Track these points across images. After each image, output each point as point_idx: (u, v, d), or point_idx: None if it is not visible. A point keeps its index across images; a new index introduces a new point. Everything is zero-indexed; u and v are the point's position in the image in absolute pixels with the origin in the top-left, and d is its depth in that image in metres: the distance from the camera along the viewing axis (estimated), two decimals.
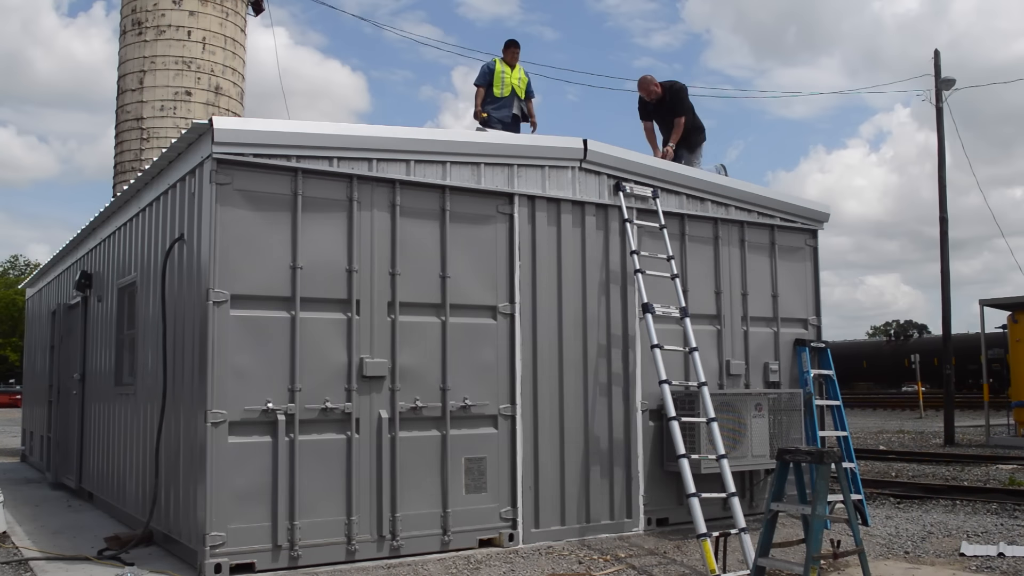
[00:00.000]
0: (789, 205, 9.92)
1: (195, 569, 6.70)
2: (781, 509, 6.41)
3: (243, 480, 6.68)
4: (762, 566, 6.35)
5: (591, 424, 8.35)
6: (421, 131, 7.79)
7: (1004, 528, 8.93)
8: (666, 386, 7.90)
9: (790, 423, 9.05)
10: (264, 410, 6.82)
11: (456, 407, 7.64)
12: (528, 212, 8.24)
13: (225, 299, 6.74)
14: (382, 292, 7.42)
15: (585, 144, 8.55)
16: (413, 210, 7.64)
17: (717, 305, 9.31)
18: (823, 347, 9.85)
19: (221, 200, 6.80)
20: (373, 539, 7.16)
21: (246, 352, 6.79)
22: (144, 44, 17.31)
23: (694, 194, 9.27)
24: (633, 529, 8.47)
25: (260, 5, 19.53)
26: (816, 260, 10.20)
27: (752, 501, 9.22)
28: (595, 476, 8.30)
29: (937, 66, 23.19)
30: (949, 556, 7.64)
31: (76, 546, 7.88)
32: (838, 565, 7.02)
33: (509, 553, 7.51)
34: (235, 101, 18.05)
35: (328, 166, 7.23)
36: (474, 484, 7.66)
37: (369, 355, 7.29)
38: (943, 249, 22.09)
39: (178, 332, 7.49)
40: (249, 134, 6.91)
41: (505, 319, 8.00)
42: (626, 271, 8.72)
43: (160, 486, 7.71)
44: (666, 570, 7.14)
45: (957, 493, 11.68)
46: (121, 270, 9.68)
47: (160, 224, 8.22)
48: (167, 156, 7.75)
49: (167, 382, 7.56)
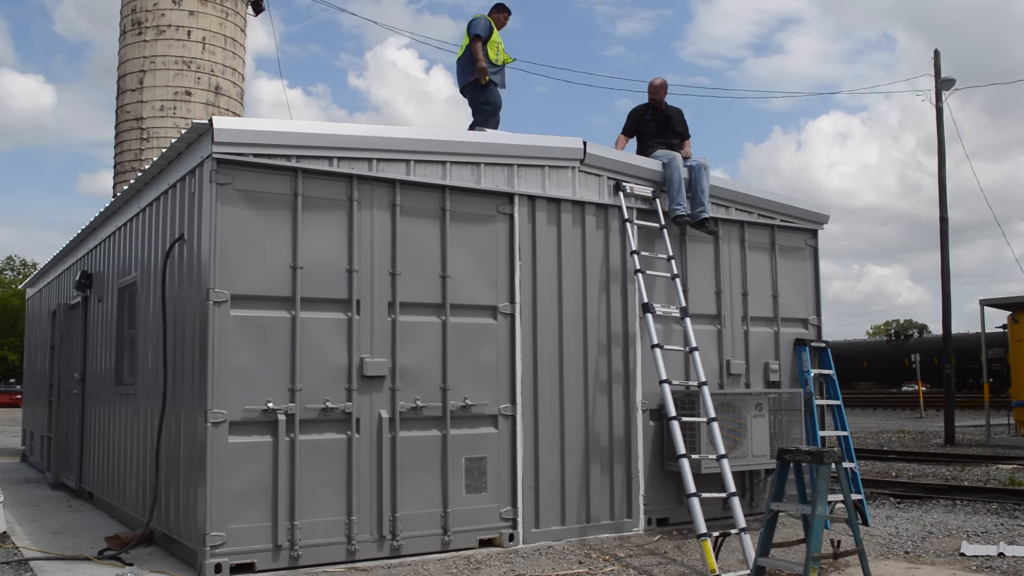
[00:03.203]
0: (789, 207, 9.91)
1: (195, 569, 6.70)
2: (781, 509, 6.41)
3: (243, 480, 6.68)
4: (762, 566, 6.35)
5: (591, 424, 8.35)
6: (421, 131, 7.79)
7: (1004, 528, 8.93)
8: (666, 386, 7.90)
9: (790, 423, 9.04)
10: (264, 410, 6.82)
11: (456, 407, 7.64)
12: (528, 212, 8.24)
13: (225, 299, 6.74)
14: (382, 292, 7.42)
15: (585, 145, 8.56)
16: (413, 210, 7.64)
17: (717, 305, 9.31)
18: (823, 347, 9.85)
19: (221, 200, 6.80)
20: (373, 539, 7.16)
21: (246, 352, 6.79)
22: (144, 44, 17.31)
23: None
24: (633, 529, 8.47)
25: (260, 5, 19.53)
26: (816, 260, 10.20)
27: (752, 501, 9.22)
28: (595, 476, 8.30)
29: (937, 66, 23.18)
30: (949, 556, 7.64)
31: (76, 546, 7.88)
32: (838, 565, 7.02)
33: (509, 553, 7.51)
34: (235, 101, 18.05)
35: (328, 166, 7.23)
36: (474, 484, 7.66)
37: (369, 355, 7.29)
38: (943, 249, 22.08)
39: (178, 332, 7.49)
40: (249, 134, 6.91)
41: (505, 319, 8.00)
42: (626, 271, 8.72)
43: (160, 486, 7.71)
44: (666, 570, 7.14)
45: (957, 493, 11.68)
46: (121, 270, 9.69)
47: (160, 224, 8.22)
48: (167, 156, 7.75)
49: (167, 382, 7.56)
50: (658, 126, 9.69)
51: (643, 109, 9.82)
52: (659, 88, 9.73)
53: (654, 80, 9.79)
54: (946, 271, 22.03)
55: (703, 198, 9.05)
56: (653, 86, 9.75)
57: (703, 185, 9.08)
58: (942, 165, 22.46)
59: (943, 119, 22.73)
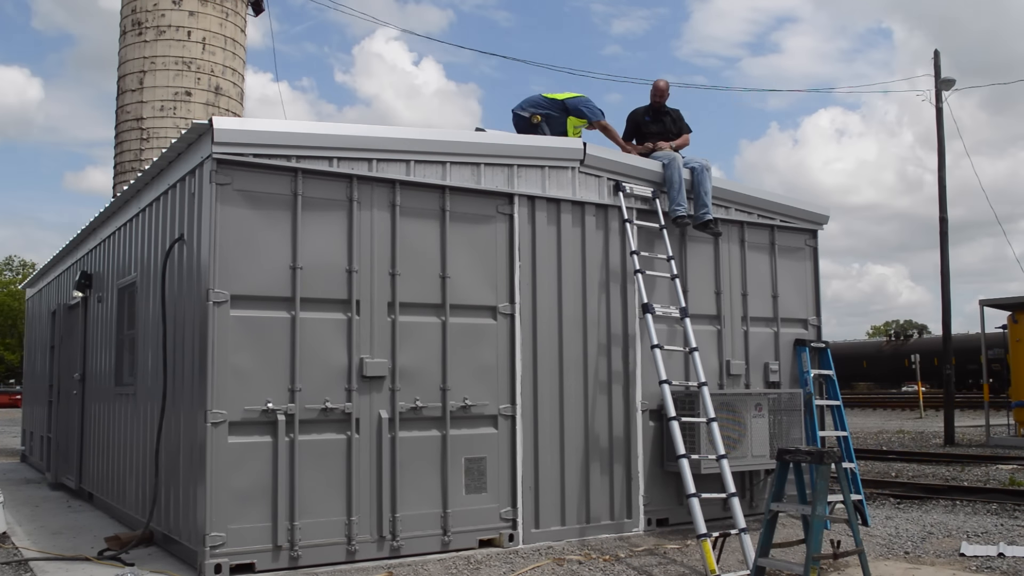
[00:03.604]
0: (789, 207, 9.91)
1: (195, 569, 6.70)
2: (781, 509, 6.41)
3: (243, 480, 6.68)
4: (762, 566, 6.35)
5: (591, 424, 8.35)
6: (421, 131, 7.79)
7: (1004, 528, 8.93)
8: (666, 386, 7.90)
9: (790, 423, 9.04)
10: (264, 410, 6.81)
11: (456, 407, 7.64)
12: (528, 212, 8.24)
13: (225, 299, 6.74)
14: (382, 292, 7.42)
15: (584, 145, 8.56)
16: (413, 210, 7.64)
17: (717, 305, 9.31)
18: (823, 347, 9.85)
19: (221, 200, 6.80)
20: (373, 539, 7.16)
21: (246, 352, 6.79)
22: (144, 44, 17.32)
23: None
24: (633, 529, 8.47)
25: (260, 5, 19.54)
26: (816, 260, 10.19)
27: (752, 501, 9.21)
28: (595, 476, 8.30)
29: (937, 66, 23.18)
30: (949, 556, 7.64)
31: (76, 546, 7.88)
32: (838, 565, 7.02)
33: (509, 553, 7.51)
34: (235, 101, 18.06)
35: (328, 166, 7.23)
36: (474, 484, 7.66)
37: (369, 355, 7.29)
38: (943, 250, 22.08)
39: (178, 332, 7.49)
40: (249, 134, 6.91)
41: (505, 319, 8.00)
42: (626, 271, 8.72)
43: (160, 486, 7.71)
44: (666, 570, 7.14)
45: (957, 493, 11.68)
46: (121, 270, 9.69)
47: (160, 224, 8.22)
48: (167, 156, 7.75)
49: (167, 382, 7.55)
50: (656, 126, 9.78)
51: (642, 111, 9.92)
52: (663, 91, 9.82)
53: (659, 82, 9.86)
54: (946, 272, 22.03)
55: (706, 199, 9.05)
56: (658, 88, 9.84)
57: (706, 187, 9.08)
58: (942, 165, 22.46)
59: (943, 119, 22.76)
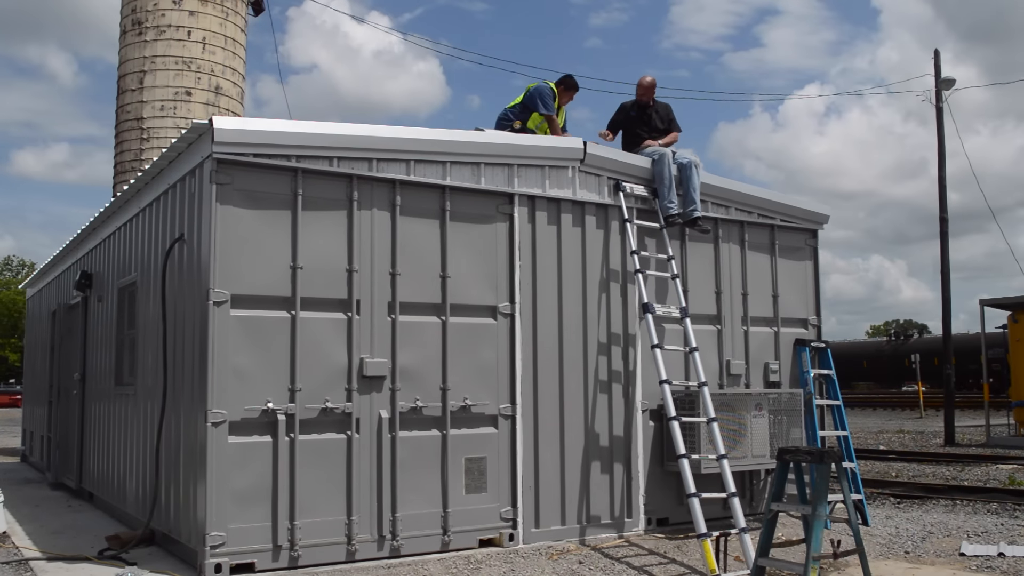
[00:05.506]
0: (789, 207, 9.91)
1: (195, 569, 6.70)
2: (781, 509, 6.41)
3: (243, 480, 6.68)
4: (762, 566, 6.35)
5: (591, 424, 8.35)
6: (421, 131, 7.79)
7: (1004, 528, 8.93)
8: (666, 386, 7.90)
9: (790, 423, 9.04)
10: (264, 410, 6.82)
11: (456, 407, 7.64)
12: (528, 212, 8.24)
13: (225, 299, 6.74)
14: (382, 292, 7.42)
15: (585, 145, 8.56)
16: (413, 210, 7.63)
17: (717, 305, 9.31)
18: (823, 347, 9.85)
19: (221, 200, 6.80)
20: (373, 539, 7.16)
21: (246, 352, 6.79)
22: (144, 44, 17.30)
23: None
24: (633, 529, 8.47)
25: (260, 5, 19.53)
26: (816, 260, 10.20)
27: (752, 501, 9.22)
28: (595, 476, 8.30)
29: (937, 66, 23.18)
30: (949, 556, 7.64)
31: (76, 546, 7.88)
32: (838, 565, 7.02)
33: (509, 553, 7.51)
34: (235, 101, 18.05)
35: (328, 166, 7.23)
36: (474, 484, 7.66)
37: (369, 355, 7.29)
38: (943, 251, 22.08)
39: (178, 332, 7.49)
40: (249, 134, 6.91)
41: (505, 319, 8.00)
42: (626, 271, 8.72)
43: (160, 486, 7.71)
44: (666, 570, 7.14)
45: (957, 493, 11.68)
46: (121, 270, 9.68)
47: (160, 224, 8.22)
48: (167, 156, 7.75)
49: (167, 382, 7.55)
50: (641, 121, 9.72)
51: (629, 104, 9.91)
52: (647, 87, 9.78)
53: (643, 78, 9.82)
54: (946, 272, 22.03)
55: (695, 196, 9.01)
56: (642, 85, 9.82)
57: (694, 183, 9.03)
58: (942, 166, 22.45)
59: (943, 120, 22.75)
